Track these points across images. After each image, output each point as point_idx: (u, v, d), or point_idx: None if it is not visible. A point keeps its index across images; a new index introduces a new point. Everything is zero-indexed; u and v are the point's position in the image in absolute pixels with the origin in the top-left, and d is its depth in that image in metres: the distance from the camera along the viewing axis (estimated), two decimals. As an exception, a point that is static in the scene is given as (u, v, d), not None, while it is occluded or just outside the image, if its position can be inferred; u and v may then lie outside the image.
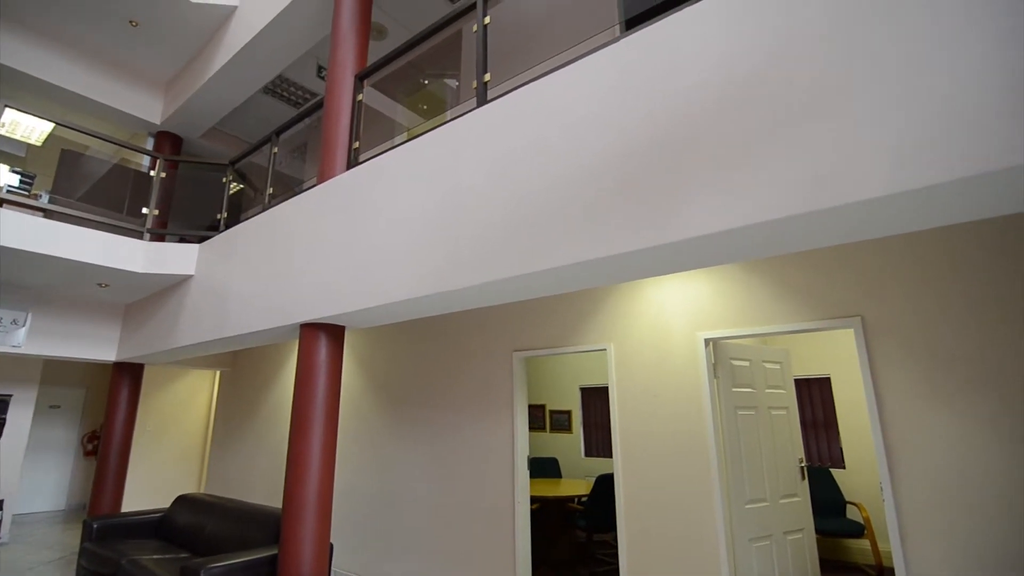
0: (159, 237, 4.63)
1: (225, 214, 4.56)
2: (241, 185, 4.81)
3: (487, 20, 2.73)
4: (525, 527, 4.03)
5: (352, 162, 3.35)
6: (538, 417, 7.69)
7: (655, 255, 1.93)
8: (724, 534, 3.22)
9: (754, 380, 3.88)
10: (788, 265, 3.31)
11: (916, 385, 2.77)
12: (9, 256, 3.90)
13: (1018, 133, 1.24)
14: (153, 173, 4.75)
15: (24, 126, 4.48)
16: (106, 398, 6.69)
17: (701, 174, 1.76)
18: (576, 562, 5.08)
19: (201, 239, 4.59)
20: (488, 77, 2.65)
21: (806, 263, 3.25)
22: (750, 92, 1.70)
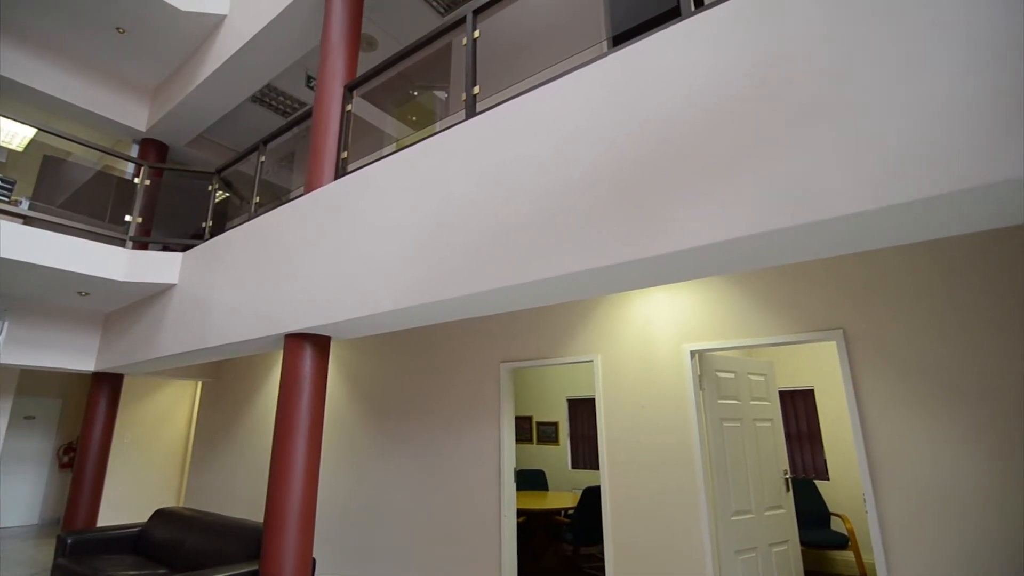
0: (142, 245, 4.57)
1: (210, 222, 4.52)
2: (227, 194, 4.77)
3: (477, 34, 2.76)
4: (511, 540, 3.99)
5: (340, 172, 3.35)
6: (525, 429, 7.65)
7: (643, 267, 1.95)
8: (710, 546, 3.22)
9: (739, 392, 3.91)
10: (772, 277, 3.36)
11: (898, 396, 2.81)
12: (-14, 263, 3.81)
13: (1013, 146, 1.28)
14: (137, 180, 4.70)
15: (4, 131, 4.41)
16: (83, 409, 6.53)
17: (690, 187, 1.78)
18: (563, 575, 5.04)
19: (185, 247, 4.54)
20: (477, 90, 2.67)
21: (790, 275, 3.29)
22: (737, 107, 1.73)
